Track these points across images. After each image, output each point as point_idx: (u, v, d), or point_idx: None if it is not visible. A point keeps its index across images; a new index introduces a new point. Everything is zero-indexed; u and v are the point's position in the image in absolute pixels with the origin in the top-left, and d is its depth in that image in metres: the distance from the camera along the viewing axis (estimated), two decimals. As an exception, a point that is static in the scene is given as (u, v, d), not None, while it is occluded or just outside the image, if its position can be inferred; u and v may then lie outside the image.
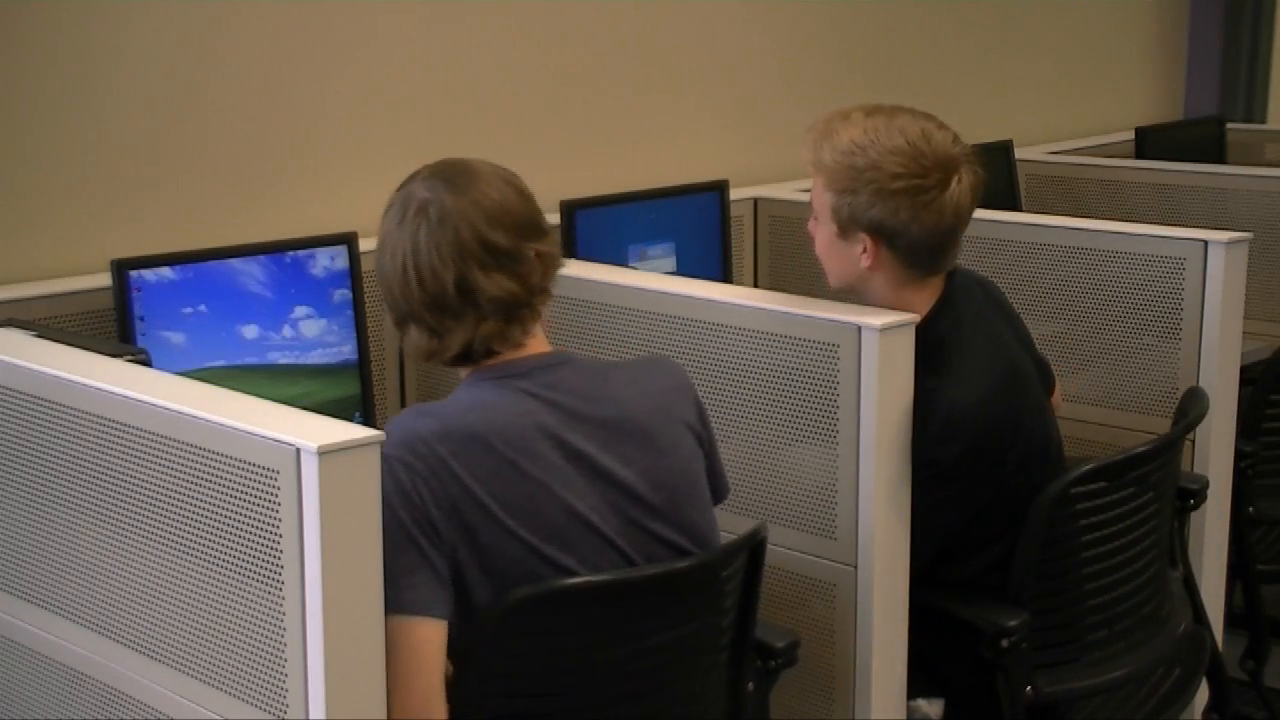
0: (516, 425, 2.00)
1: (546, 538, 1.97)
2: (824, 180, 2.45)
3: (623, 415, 2.07)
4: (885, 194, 2.39)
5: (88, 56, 2.71)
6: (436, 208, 2.03)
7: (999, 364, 2.48)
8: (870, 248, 2.43)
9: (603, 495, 2.03)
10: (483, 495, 1.94)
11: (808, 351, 2.40)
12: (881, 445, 2.33)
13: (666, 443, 2.10)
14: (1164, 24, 5.50)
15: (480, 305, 2.02)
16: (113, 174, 2.76)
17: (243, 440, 1.77)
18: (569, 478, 2.01)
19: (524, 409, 2.02)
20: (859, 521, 2.36)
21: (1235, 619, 3.23)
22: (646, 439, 2.08)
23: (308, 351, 2.75)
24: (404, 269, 2.03)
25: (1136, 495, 2.51)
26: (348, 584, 1.74)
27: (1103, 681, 2.51)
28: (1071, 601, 2.49)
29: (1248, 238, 3.01)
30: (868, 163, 2.40)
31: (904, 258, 2.44)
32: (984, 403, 2.41)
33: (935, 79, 4.51)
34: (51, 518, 2.09)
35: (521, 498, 1.96)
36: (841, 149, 2.43)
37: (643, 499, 2.06)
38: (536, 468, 1.98)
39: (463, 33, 3.28)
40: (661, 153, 3.71)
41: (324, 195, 3.07)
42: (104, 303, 2.55)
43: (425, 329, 2.05)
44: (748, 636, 2.17)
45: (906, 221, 2.40)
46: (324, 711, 1.74)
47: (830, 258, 2.51)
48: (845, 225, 2.44)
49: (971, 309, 2.53)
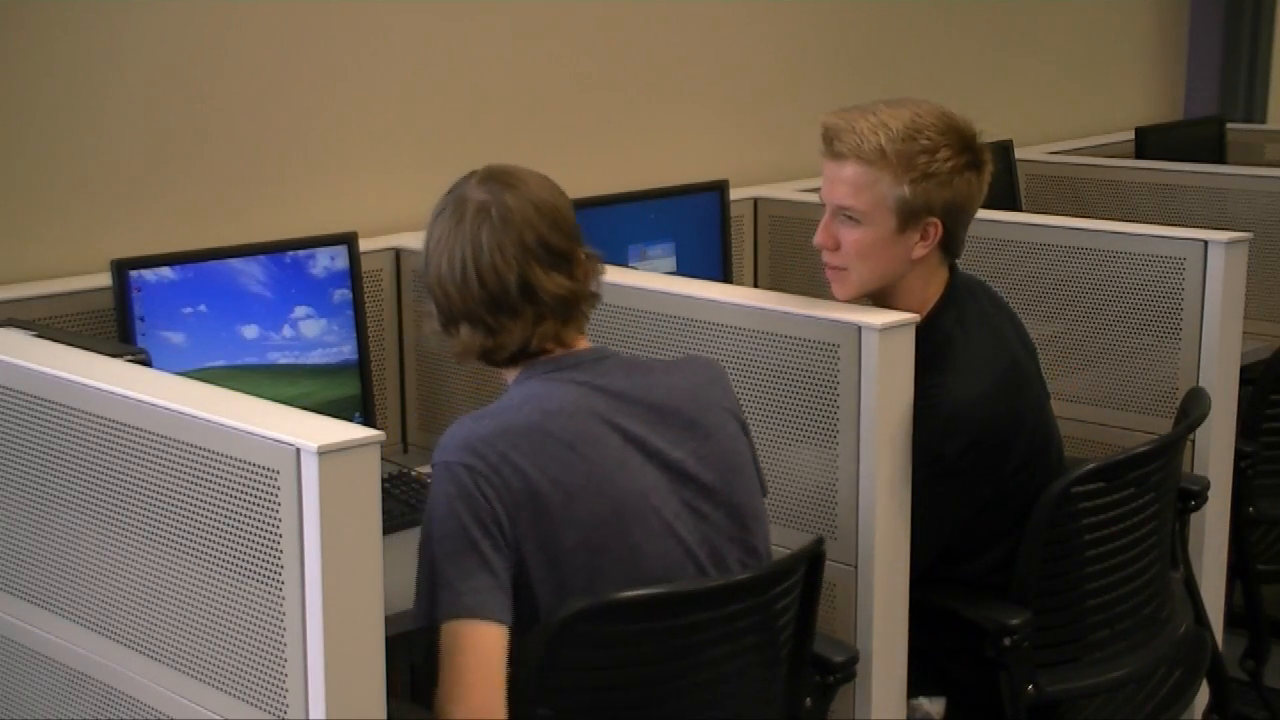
0: (571, 411, 2.03)
1: (607, 518, 1.99)
2: (889, 172, 2.38)
3: (669, 401, 2.11)
4: (956, 170, 2.40)
5: (88, 57, 2.71)
6: (499, 209, 2.06)
7: (1001, 361, 2.48)
8: (936, 231, 2.42)
9: (659, 476, 2.06)
10: (544, 483, 1.96)
11: (808, 351, 2.40)
12: (881, 445, 2.33)
13: (712, 426, 2.13)
14: (1164, 24, 5.50)
15: (541, 303, 2.06)
16: (113, 174, 2.76)
17: (243, 440, 1.77)
18: (626, 459, 2.04)
19: (577, 396, 2.05)
20: (859, 521, 2.36)
21: (1235, 619, 3.23)
22: (692, 424, 2.11)
23: (308, 351, 2.75)
24: (463, 269, 2.06)
25: (1138, 495, 2.51)
26: (348, 584, 1.74)
27: (1104, 681, 2.51)
28: (1073, 601, 2.49)
29: (1248, 238, 3.01)
30: (930, 144, 2.39)
31: (950, 240, 2.46)
32: (987, 398, 2.41)
33: (935, 79, 4.50)
34: (51, 518, 2.09)
35: (581, 478, 1.99)
36: (901, 136, 2.38)
37: (695, 479, 2.08)
38: (595, 451, 2.01)
39: (463, 33, 3.28)
40: (661, 153, 3.71)
41: (324, 195, 3.07)
42: (104, 303, 2.54)
43: (481, 328, 2.08)
44: (806, 651, 2.17)
45: (975, 195, 2.44)
46: (324, 711, 1.74)
47: (873, 257, 2.44)
48: (913, 213, 2.40)
49: (975, 307, 2.53)
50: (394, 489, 2.63)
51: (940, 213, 2.42)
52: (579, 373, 2.09)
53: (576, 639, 1.92)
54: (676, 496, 2.07)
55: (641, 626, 1.95)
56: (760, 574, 2.04)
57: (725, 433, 2.15)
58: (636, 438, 2.06)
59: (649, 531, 2.02)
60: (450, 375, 2.96)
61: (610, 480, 2.01)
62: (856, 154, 2.40)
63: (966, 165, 2.41)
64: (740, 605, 2.01)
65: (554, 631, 1.90)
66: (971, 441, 2.39)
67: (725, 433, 2.15)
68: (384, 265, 2.97)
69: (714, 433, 2.13)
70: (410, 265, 2.98)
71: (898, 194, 2.39)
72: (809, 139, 4.09)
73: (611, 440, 2.04)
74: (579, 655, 1.93)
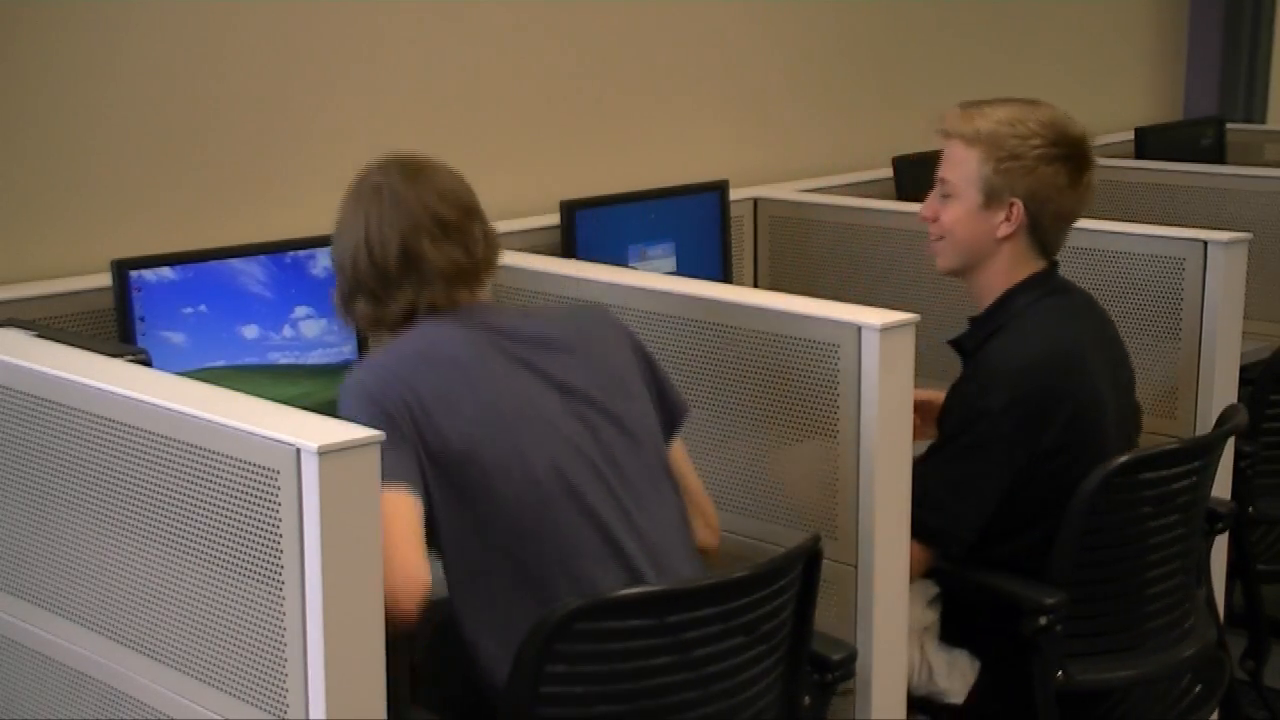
0: (459, 340, 2.17)
1: (493, 420, 2.10)
2: (979, 150, 2.57)
3: (552, 333, 2.24)
4: (1047, 159, 2.55)
5: (88, 57, 2.71)
6: (389, 189, 2.22)
7: (1062, 344, 2.56)
8: (1016, 214, 2.56)
9: (544, 388, 2.16)
10: (429, 394, 2.07)
11: (808, 351, 2.40)
12: (881, 445, 2.33)
13: (595, 353, 2.24)
14: (1164, 24, 5.50)
15: (425, 273, 2.19)
16: (113, 174, 2.76)
17: (243, 440, 1.77)
18: (511, 372, 2.16)
19: (464, 331, 2.18)
20: (859, 521, 2.36)
21: (1235, 619, 3.23)
22: (574, 349, 2.23)
23: (308, 351, 2.75)
24: (354, 247, 2.21)
25: (1175, 493, 2.54)
26: (348, 584, 1.74)
27: (1132, 675, 2.55)
28: (1106, 592, 2.52)
29: (1248, 238, 3.01)
30: (1029, 130, 2.57)
31: (1038, 230, 2.58)
32: (1034, 365, 2.51)
33: (935, 79, 4.51)
34: (51, 518, 2.09)
35: (466, 388, 2.12)
36: (1001, 119, 2.58)
37: (580, 391, 2.18)
38: (480, 366, 2.14)
39: (463, 33, 3.28)
40: (661, 153, 3.71)
41: (324, 195, 3.06)
42: (104, 303, 2.54)
43: (372, 300, 2.22)
44: (803, 649, 2.17)
45: (1062, 188, 2.56)
46: (324, 711, 1.74)
47: (961, 230, 2.61)
48: (996, 192, 2.57)
49: (1063, 302, 2.62)
50: (394, 489, 2.63)
51: (1022, 194, 2.55)
52: (466, 315, 2.21)
53: (571, 637, 1.92)
54: (563, 406, 2.17)
55: (636, 624, 1.95)
56: (756, 572, 2.04)
57: (610, 357, 2.26)
58: (522, 359, 2.18)
59: (535, 434, 2.12)
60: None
61: (494, 389, 2.13)
62: (959, 134, 2.61)
63: (1056, 158, 2.56)
64: (736, 603, 2.01)
65: (549, 630, 1.90)
66: (1011, 400, 2.47)
67: (610, 357, 2.26)
68: (384, 265, 2.96)
69: (596, 357, 2.24)
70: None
71: (984, 172, 2.57)
72: (809, 139, 4.13)
73: (497, 359, 2.16)
74: (573, 653, 1.93)
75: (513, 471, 2.08)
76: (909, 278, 3.37)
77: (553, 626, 1.91)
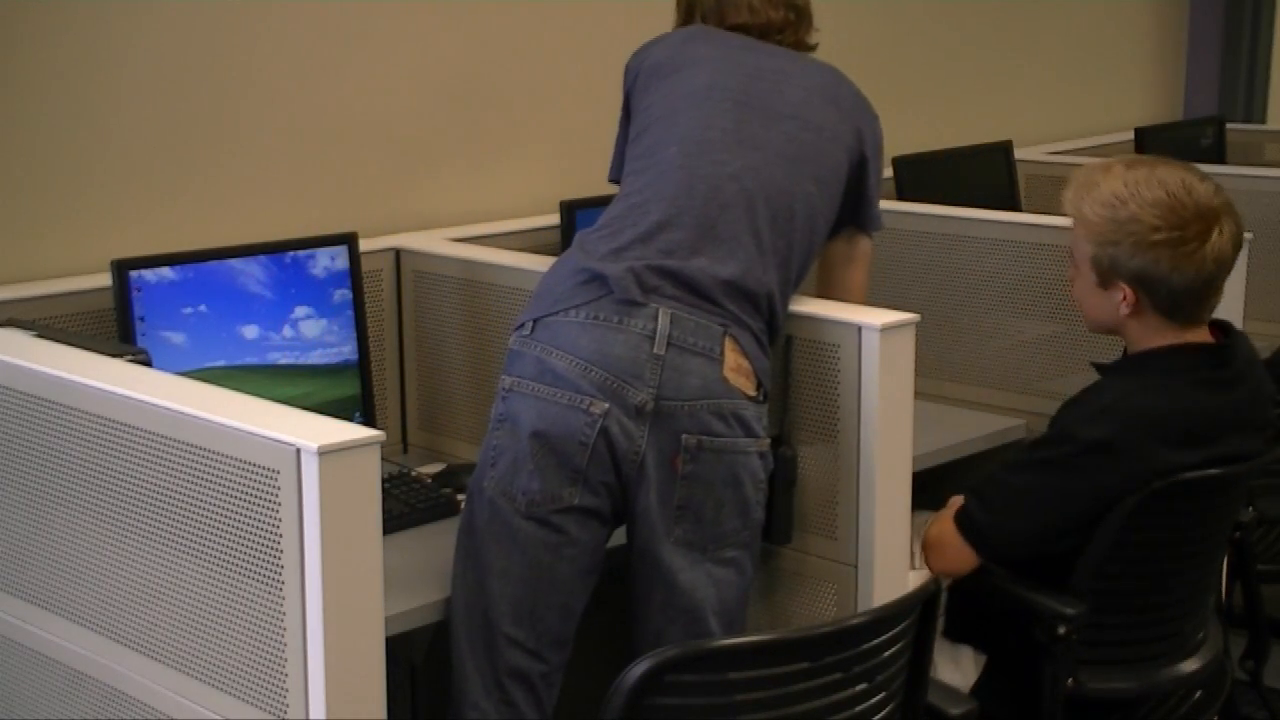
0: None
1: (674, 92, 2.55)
2: (1085, 232, 2.51)
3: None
4: (1145, 245, 2.45)
5: (89, 57, 2.71)
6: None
7: (1191, 414, 2.47)
8: (1130, 296, 2.49)
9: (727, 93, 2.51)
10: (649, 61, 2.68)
11: (808, 351, 2.40)
12: (882, 445, 2.33)
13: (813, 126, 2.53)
14: (1164, 24, 5.50)
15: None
16: (113, 174, 2.76)
17: (243, 440, 1.77)
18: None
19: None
20: (859, 521, 2.36)
21: (1235, 619, 3.23)
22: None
23: (308, 352, 2.75)
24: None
25: (1210, 515, 2.55)
26: (348, 584, 1.74)
27: (1145, 686, 2.56)
28: (1128, 605, 2.52)
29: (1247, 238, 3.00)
30: (1128, 215, 2.46)
31: (1164, 307, 2.49)
32: (1149, 418, 2.44)
33: (935, 79, 4.51)
34: (51, 518, 2.09)
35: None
36: (1102, 201, 2.48)
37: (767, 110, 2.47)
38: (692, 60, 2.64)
39: (464, 33, 3.28)
40: (661, 153, 3.70)
41: (324, 195, 3.07)
42: (104, 303, 2.54)
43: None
44: (918, 701, 2.05)
45: (1167, 272, 2.45)
46: (324, 711, 1.74)
47: (1089, 303, 2.58)
48: (1105, 275, 2.51)
49: (1204, 375, 2.50)
50: (394, 489, 2.63)
51: (1127, 279, 2.48)
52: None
53: (663, 689, 1.80)
54: (735, 115, 2.43)
55: (733, 676, 1.85)
56: (867, 620, 1.92)
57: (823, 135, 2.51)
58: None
59: (697, 113, 2.45)
60: (450, 375, 2.96)
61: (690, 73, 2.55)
62: (1071, 210, 2.55)
63: (1176, 241, 2.44)
64: (843, 655, 1.88)
65: (641, 678, 1.79)
66: (1106, 439, 2.42)
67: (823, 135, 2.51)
68: (384, 265, 2.97)
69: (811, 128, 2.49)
70: (410, 265, 2.98)
71: (1093, 253, 2.51)
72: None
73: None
74: (659, 711, 1.80)
75: (661, 134, 2.53)
76: (909, 278, 3.37)
77: (643, 675, 1.78)
